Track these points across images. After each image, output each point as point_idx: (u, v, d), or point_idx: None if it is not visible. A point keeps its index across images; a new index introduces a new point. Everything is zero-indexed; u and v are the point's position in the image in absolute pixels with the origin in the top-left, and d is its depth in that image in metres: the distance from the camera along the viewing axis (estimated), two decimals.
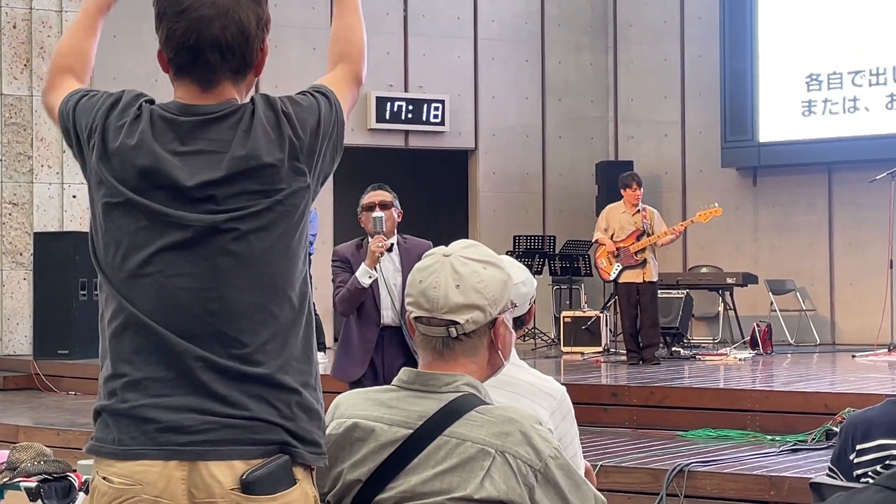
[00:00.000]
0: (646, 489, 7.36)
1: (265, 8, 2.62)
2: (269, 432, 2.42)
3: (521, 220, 16.85)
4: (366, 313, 6.75)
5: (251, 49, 2.59)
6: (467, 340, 2.51)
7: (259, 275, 2.46)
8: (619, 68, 17.48)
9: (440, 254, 2.55)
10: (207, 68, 2.59)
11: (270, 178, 2.50)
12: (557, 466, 2.42)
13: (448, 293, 2.48)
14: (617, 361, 12.68)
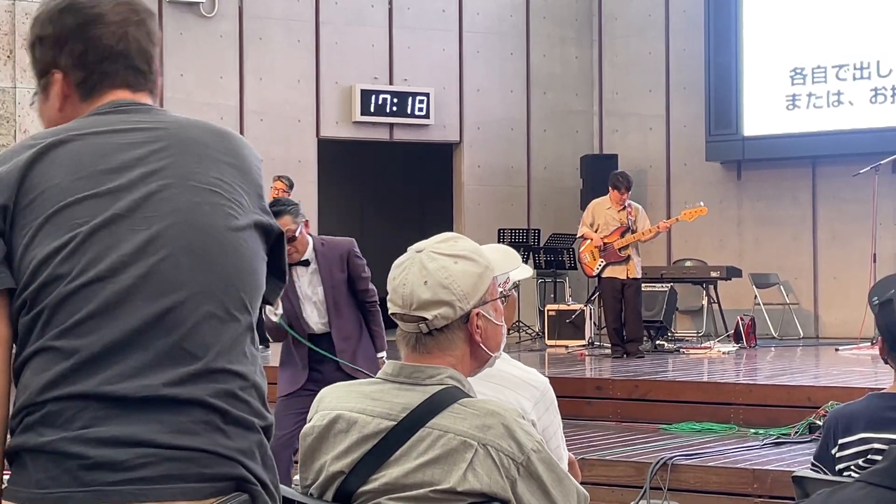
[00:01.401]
0: (629, 482, 7.37)
1: (156, 25, 2.43)
2: (222, 466, 2.06)
3: (505, 214, 16.86)
4: (295, 329, 6.67)
5: (154, 67, 2.42)
6: (439, 335, 2.51)
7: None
8: (604, 62, 17.48)
9: (414, 250, 2.56)
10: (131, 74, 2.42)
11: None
12: (539, 460, 2.43)
13: (414, 290, 2.50)
14: (601, 355, 12.70)
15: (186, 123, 2.30)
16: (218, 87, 15.70)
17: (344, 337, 6.62)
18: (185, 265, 2.10)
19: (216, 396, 2.06)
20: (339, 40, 16.28)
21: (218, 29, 15.67)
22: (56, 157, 2.15)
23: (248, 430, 2.09)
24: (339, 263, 6.66)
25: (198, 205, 2.15)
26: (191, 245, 2.12)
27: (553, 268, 15.58)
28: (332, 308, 6.60)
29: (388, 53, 16.60)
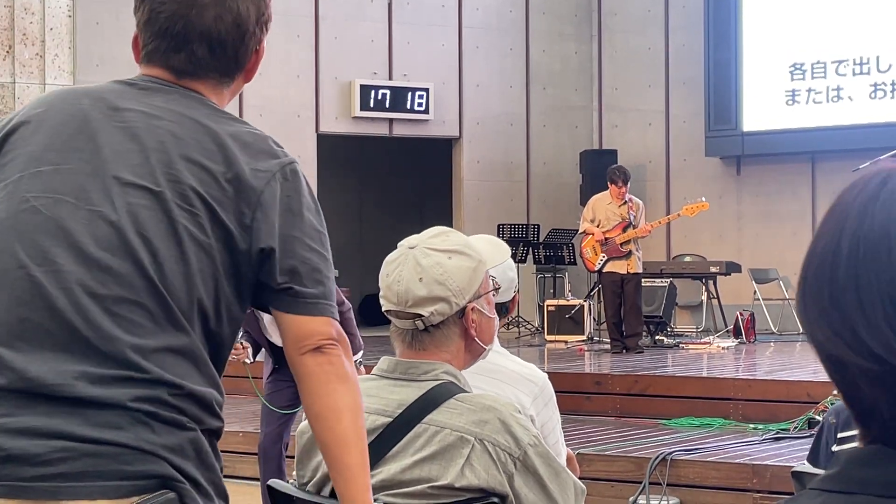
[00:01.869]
0: (629, 477, 7.37)
1: (268, 3, 2.27)
2: (146, 463, 1.96)
3: (505, 209, 16.85)
4: (257, 341, 6.83)
5: (246, 48, 2.20)
6: (436, 331, 2.51)
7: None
8: (604, 57, 17.47)
9: (406, 246, 2.54)
10: (191, 62, 2.18)
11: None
12: (536, 454, 2.42)
13: (410, 287, 2.48)
14: (600, 350, 12.70)
15: (179, 117, 2.14)
16: None
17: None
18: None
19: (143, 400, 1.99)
20: (338, 35, 16.27)
21: None
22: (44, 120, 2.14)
23: (180, 428, 2.00)
24: None
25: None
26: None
27: (552, 263, 15.58)
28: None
29: (387, 49, 16.59)
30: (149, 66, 2.22)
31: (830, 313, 1.01)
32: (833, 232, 1.02)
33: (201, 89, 2.19)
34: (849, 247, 1.01)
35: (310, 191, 2.20)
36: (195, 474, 2.00)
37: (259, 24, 2.22)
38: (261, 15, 2.22)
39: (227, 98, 2.25)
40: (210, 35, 2.15)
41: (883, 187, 1.02)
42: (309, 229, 2.16)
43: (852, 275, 1.00)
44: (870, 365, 1.00)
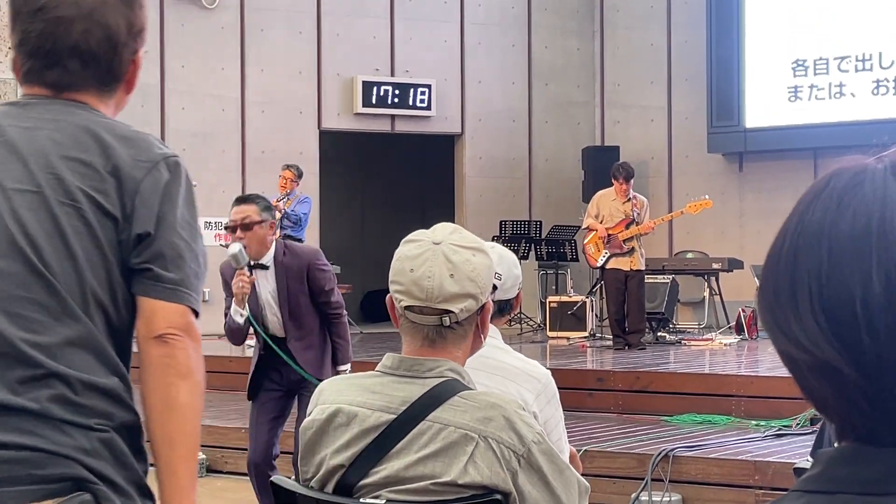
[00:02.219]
0: (631, 474, 7.38)
1: (140, 14, 2.25)
2: (57, 466, 1.95)
3: (507, 205, 16.85)
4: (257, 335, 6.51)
5: (120, 59, 2.20)
6: (458, 328, 2.51)
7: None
8: (606, 53, 17.47)
9: (429, 241, 2.52)
10: (66, 76, 2.19)
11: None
12: (540, 451, 2.42)
13: (443, 283, 2.47)
14: (603, 346, 12.70)
15: (57, 124, 2.16)
16: (220, 78, 15.69)
17: (305, 347, 6.36)
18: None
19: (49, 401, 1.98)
20: (340, 32, 16.27)
21: (220, 20, 15.66)
22: None
23: (91, 430, 1.98)
24: (297, 276, 6.33)
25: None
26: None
27: (555, 259, 15.58)
28: (287, 320, 6.33)
29: (389, 45, 16.59)
30: (28, 85, 2.22)
31: (774, 308, 1.04)
32: (782, 229, 1.06)
33: (83, 100, 2.20)
34: (789, 243, 1.04)
35: (189, 185, 2.20)
36: (112, 475, 1.99)
37: (132, 35, 2.21)
38: (132, 26, 2.21)
39: (113, 109, 2.24)
40: (80, 49, 2.16)
41: (826, 185, 1.05)
42: (181, 219, 2.15)
43: (789, 270, 1.02)
44: (805, 357, 1.02)
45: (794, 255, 1.03)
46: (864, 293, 0.98)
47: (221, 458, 8.86)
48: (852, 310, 0.98)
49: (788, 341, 1.04)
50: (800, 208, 1.06)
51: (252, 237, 6.18)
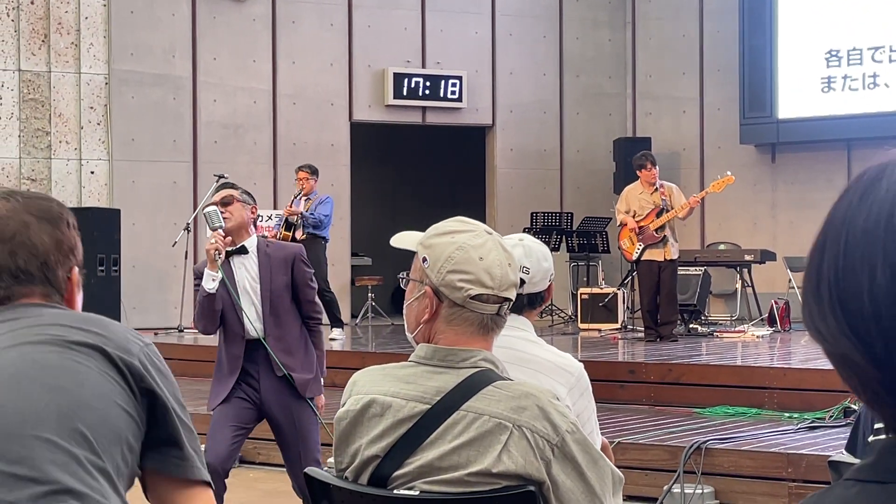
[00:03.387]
0: (663, 466, 7.36)
1: (69, 233, 2.19)
2: None
3: (538, 197, 16.83)
4: (228, 327, 5.93)
5: (54, 275, 2.17)
6: (506, 318, 2.55)
7: None
8: (638, 44, 17.41)
9: (483, 231, 2.55)
10: (9, 288, 2.16)
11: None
12: (574, 441, 2.42)
13: (507, 271, 2.52)
14: (634, 338, 12.67)
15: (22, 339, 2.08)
16: (251, 70, 15.73)
17: (284, 350, 5.90)
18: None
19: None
20: (371, 23, 16.28)
21: (251, 12, 15.70)
22: None
23: None
24: (283, 266, 5.95)
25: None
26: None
27: (586, 251, 15.55)
28: (268, 315, 5.88)
29: (420, 36, 16.59)
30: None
31: (808, 300, 1.06)
32: (822, 222, 1.06)
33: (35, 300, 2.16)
34: (821, 236, 1.07)
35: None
36: None
37: (62, 253, 2.17)
38: (60, 244, 2.17)
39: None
40: (10, 268, 2.13)
41: (858, 179, 1.07)
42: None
43: (816, 262, 1.06)
44: (829, 349, 1.04)
45: (822, 247, 1.05)
46: (871, 285, 1.00)
47: (254, 450, 8.89)
48: (861, 301, 1.00)
49: (817, 334, 1.05)
50: (835, 202, 1.07)
51: (233, 211, 5.88)
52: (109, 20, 15.02)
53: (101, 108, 15.02)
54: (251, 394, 5.91)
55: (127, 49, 15.08)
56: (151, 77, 15.19)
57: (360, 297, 16.19)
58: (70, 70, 14.87)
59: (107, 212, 14.37)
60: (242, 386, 5.91)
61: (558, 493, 2.40)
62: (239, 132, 15.66)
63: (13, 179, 14.60)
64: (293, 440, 5.94)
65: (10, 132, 14.62)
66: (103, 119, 15.03)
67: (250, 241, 5.96)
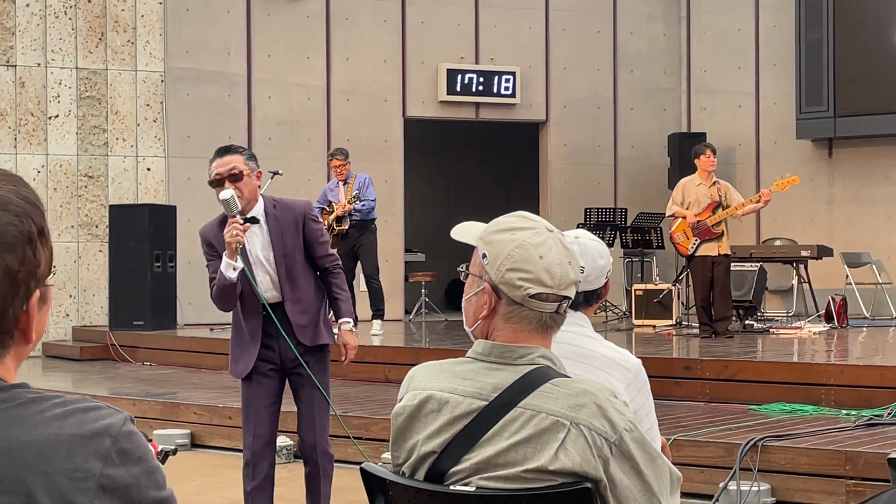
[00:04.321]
0: (719, 463, 7.32)
1: (28, 254, 1.69)
2: None
3: (592, 193, 16.78)
4: (245, 300, 5.88)
5: (3, 316, 1.69)
6: (564, 315, 2.53)
7: None
8: (693, 38, 17.31)
9: (544, 228, 2.53)
10: None
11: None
12: (632, 439, 2.40)
13: (567, 270, 2.50)
14: (689, 335, 12.60)
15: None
16: (305, 67, 15.80)
17: (301, 311, 5.86)
18: None
19: None
20: (425, 19, 16.29)
21: (305, 9, 15.76)
22: None
23: None
24: (292, 229, 5.84)
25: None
26: None
27: (640, 247, 15.49)
28: (284, 279, 5.83)
29: (474, 32, 16.58)
30: None
31: None
32: None
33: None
34: None
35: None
36: None
37: (15, 284, 1.68)
38: (16, 270, 1.68)
39: (13, 365, 1.74)
40: None
41: None
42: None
43: None
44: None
45: None
46: None
47: None
48: None
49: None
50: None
51: (243, 187, 5.74)
52: (165, 18, 15.13)
53: (157, 106, 15.14)
54: (273, 358, 5.90)
55: (183, 46, 15.19)
56: (207, 74, 15.29)
57: (414, 292, 16.21)
58: (126, 68, 15.00)
59: (163, 208, 14.49)
60: (265, 352, 5.89)
61: (616, 491, 2.39)
62: (293, 128, 15.73)
63: (71, 176, 14.75)
64: (307, 406, 5.96)
65: (68, 129, 14.77)
66: (159, 116, 15.15)
67: (258, 207, 5.84)
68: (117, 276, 14.21)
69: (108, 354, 13.64)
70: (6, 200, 1.67)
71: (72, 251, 14.82)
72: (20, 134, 14.59)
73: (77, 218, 14.82)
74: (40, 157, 14.67)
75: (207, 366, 12.45)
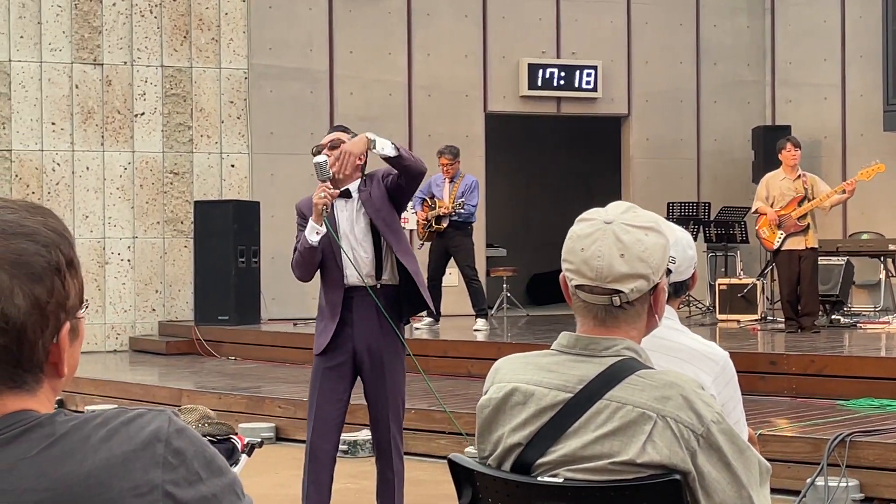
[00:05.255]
0: (806, 459, 7.24)
1: (57, 283, 1.64)
2: None
3: (674, 187, 16.66)
4: (328, 274, 5.90)
5: (31, 347, 1.63)
6: (630, 308, 2.49)
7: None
8: (777, 31, 17.11)
9: (600, 220, 2.50)
10: None
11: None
12: (720, 431, 2.39)
13: (613, 263, 2.45)
14: (774, 329, 12.47)
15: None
16: (386, 63, 15.86)
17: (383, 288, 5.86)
18: None
19: None
20: (506, 14, 16.27)
21: (387, 6, 15.81)
22: None
23: None
24: (379, 197, 5.87)
25: None
26: None
27: (724, 241, 15.35)
28: (385, 249, 5.84)
29: (555, 26, 16.53)
30: None
31: None
32: None
33: (2, 407, 1.64)
34: None
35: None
36: None
37: (45, 315, 1.63)
38: (46, 302, 1.63)
39: (48, 399, 1.68)
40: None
41: None
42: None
43: None
44: None
45: None
46: None
47: None
48: None
49: None
50: None
51: (341, 163, 5.81)
52: (249, 16, 15.28)
53: (241, 103, 15.29)
54: (347, 344, 5.87)
55: (265, 44, 15.32)
56: (289, 71, 15.41)
57: (496, 288, 16.21)
58: (211, 65, 15.17)
59: (246, 204, 14.63)
60: (340, 336, 5.87)
61: (704, 483, 2.37)
62: (375, 124, 15.80)
63: (156, 173, 14.95)
64: (380, 396, 5.89)
65: (154, 127, 14.96)
66: (243, 113, 15.29)
67: (355, 184, 5.90)
68: (202, 272, 14.37)
69: (193, 349, 13.80)
70: (34, 231, 1.64)
71: (157, 247, 15.02)
72: (107, 132, 14.81)
73: (162, 214, 15.01)
74: (127, 154, 14.88)
75: (291, 360, 12.55)
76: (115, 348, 14.77)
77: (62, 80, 14.63)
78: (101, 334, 14.73)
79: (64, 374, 1.68)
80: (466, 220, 12.70)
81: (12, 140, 14.46)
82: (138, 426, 1.61)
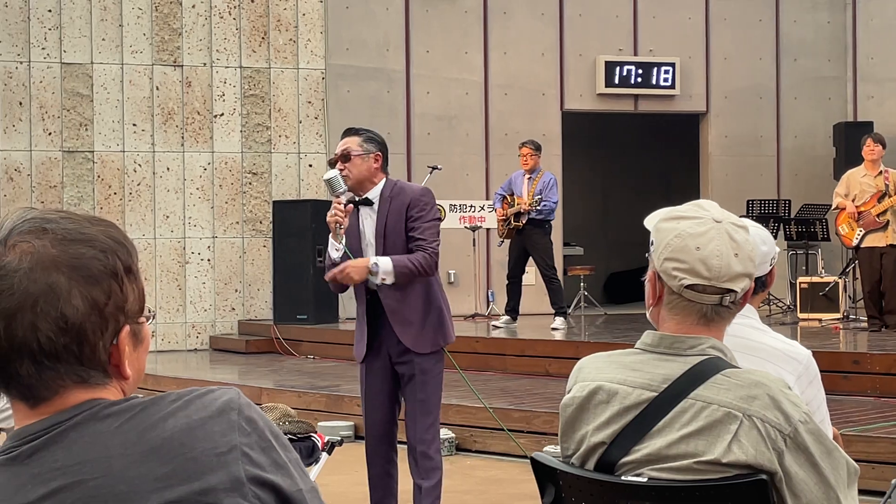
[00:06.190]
0: (891, 459, 7.13)
1: (115, 288, 1.68)
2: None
3: (754, 184, 16.50)
4: (356, 288, 5.90)
5: (91, 348, 1.67)
6: (734, 308, 2.49)
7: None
8: (859, 26, 16.87)
9: (710, 219, 2.49)
10: (25, 384, 1.67)
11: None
12: (807, 431, 2.36)
13: (730, 262, 2.46)
14: (857, 328, 12.30)
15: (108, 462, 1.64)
16: (463, 62, 15.86)
17: (398, 300, 5.77)
18: None
19: None
20: (582, 12, 16.21)
21: (463, 5, 15.82)
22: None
23: None
24: (398, 213, 5.73)
25: None
26: None
27: (805, 239, 15.16)
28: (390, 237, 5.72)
29: (632, 23, 16.44)
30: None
31: None
32: None
33: (74, 398, 1.69)
34: None
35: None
36: None
37: (104, 318, 1.67)
38: (104, 304, 1.67)
39: (118, 394, 1.73)
40: (30, 349, 1.65)
41: None
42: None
43: None
44: None
45: None
46: None
47: (470, 437, 8.97)
48: None
49: None
50: None
51: (351, 168, 5.70)
52: (326, 16, 15.36)
53: (319, 103, 15.38)
54: (381, 349, 5.84)
55: (343, 44, 15.40)
56: (366, 71, 15.48)
57: (573, 286, 16.16)
58: (289, 66, 15.27)
59: (324, 204, 14.69)
60: (376, 340, 5.85)
61: (791, 484, 2.35)
62: (452, 123, 15.82)
63: (236, 173, 15.08)
64: (408, 406, 5.82)
65: (233, 127, 15.10)
66: (320, 113, 15.38)
67: (375, 190, 5.77)
68: (281, 271, 14.47)
69: (272, 348, 13.90)
70: (92, 237, 1.69)
71: (237, 246, 15.15)
72: (187, 132, 14.97)
73: (242, 214, 15.14)
74: (206, 154, 15.03)
75: None
76: (195, 347, 14.93)
77: (143, 82, 14.81)
78: (182, 333, 14.90)
79: (128, 377, 1.73)
80: (546, 217, 12.65)
81: (94, 141, 14.67)
82: (212, 398, 1.69)
